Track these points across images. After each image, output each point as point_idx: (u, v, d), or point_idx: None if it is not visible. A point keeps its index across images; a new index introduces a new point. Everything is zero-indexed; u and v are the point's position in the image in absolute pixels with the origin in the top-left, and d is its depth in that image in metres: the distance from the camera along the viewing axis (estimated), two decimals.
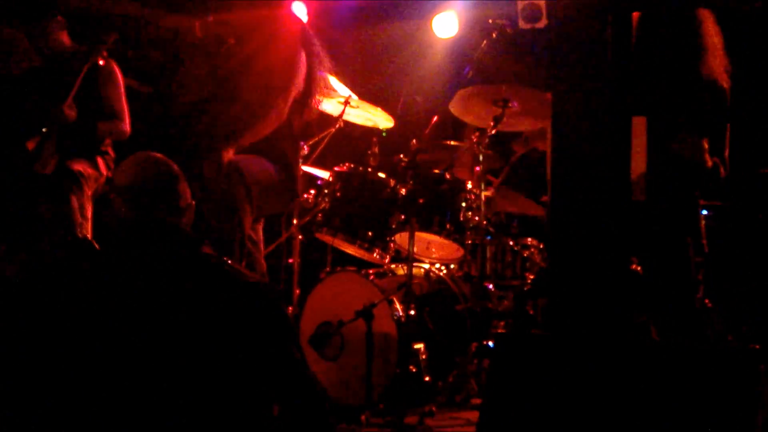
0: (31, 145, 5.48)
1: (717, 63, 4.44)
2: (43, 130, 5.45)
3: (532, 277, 5.73)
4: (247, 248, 5.10)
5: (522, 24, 4.09)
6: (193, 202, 3.13)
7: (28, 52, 5.81)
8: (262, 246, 5.41)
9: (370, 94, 6.30)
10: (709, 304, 5.14)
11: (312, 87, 5.34)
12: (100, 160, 5.72)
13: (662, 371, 3.20)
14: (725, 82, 4.44)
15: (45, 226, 5.41)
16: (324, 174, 5.78)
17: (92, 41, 5.58)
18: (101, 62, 5.56)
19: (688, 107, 4.35)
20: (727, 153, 4.55)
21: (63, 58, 5.71)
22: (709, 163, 4.38)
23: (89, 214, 5.55)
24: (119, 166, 3.19)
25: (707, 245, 4.59)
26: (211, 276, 2.84)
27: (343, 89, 5.98)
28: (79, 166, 5.55)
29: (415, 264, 5.48)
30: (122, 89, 5.80)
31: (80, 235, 5.40)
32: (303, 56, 5.30)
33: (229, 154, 5.11)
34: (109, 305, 2.75)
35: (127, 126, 5.80)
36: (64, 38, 5.76)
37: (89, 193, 5.55)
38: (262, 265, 5.31)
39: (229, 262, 2.94)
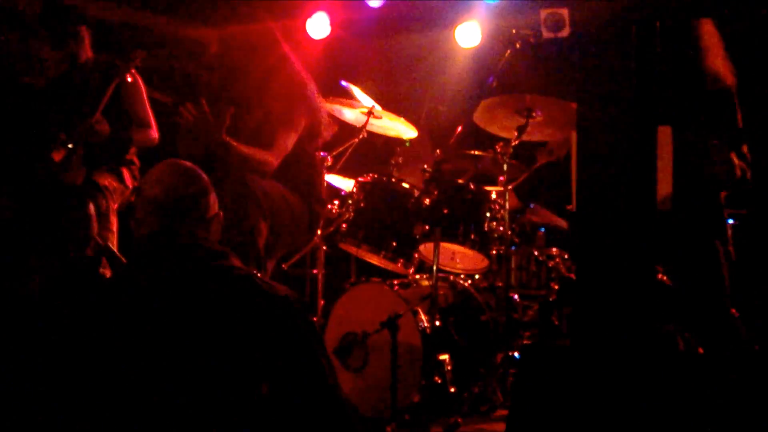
0: (57, 157, 5.50)
1: (719, 62, 4.41)
2: (69, 145, 5.46)
3: (557, 287, 5.71)
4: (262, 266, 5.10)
5: (545, 33, 4.07)
6: (221, 213, 3.09)
7: (53, 64, 5.85)
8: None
9: (393, 105, 6.30)
10: (737, 314, 5.10)
11: (319, 116, 5.40)
12: (125, 172, 5.74)
13: (688, 382, 3.18)
14: (730, 80, 4.40)
15: (68, 237, 5.42)
16: (348, 183, 5.79)
17: (121, 58, 5.61)
18: (129, 79, 5.59)
19: (704, 117, 4.34)
20: (745, 148, 4.52)
21: (87, 69, 5.74)
22: (739, 174, 4.37)
23: (115, 227, 5.57)
24: (146, 175, 3.12)
25: (734, 253, 4.56)
26: (238, 288, 2.79)
27: (366, 99, 5.98)
28: (105, 181, 5.57)
29: (439, 274, 5.47)
30: (146, 97, 5.84)
31: (101, 243, 5.41)
32: (309, 91, 5.36)
33: (254, 178, 5.10)
34: (135, 319, 2.72)
35: (155, 132, 5.85)
36: (88, 50, 5.79)
37: (114, 206, 5.57)
38: None
39: (258, 274, 2.91)
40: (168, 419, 2.63)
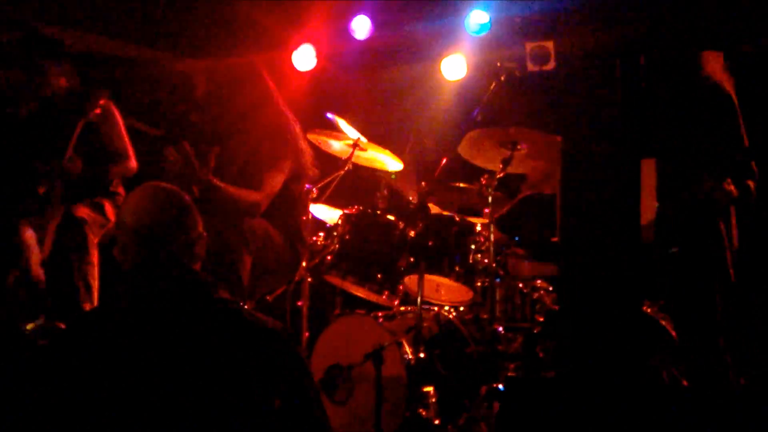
0: (41, 190, 5.49)
1: (718, 67, 4.41)
2: (40, 188, 5.45)
3: (541, 319, 5.70)
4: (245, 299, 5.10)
5: (530, 66, 4.10)
6: (205, 233, 3.03)
7: (30, 95, 5.82)
8: None
9: (378, 137, 6.31)
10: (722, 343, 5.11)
11: (303, 160, 5.45)
12: (107, 205, 5.71)
13: (673, 416, 3.18)
14: (728, 84, 4.41)
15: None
16: (334, 213, 5.79)
17: (87, 97, 5.58)
18: (94, 119, 5.57)
19: (700, 147, 4.34)
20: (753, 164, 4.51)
21: (61, 102, 5.71)
22: (735, 193, 4.34)
23: (95, 260, 5.54)
24: (123, 202, 3.07)
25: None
26: (228, 322, 2.75)
27: (352, 131, 5.99)
28: (83, 213, 5.54)
29: (424, 306, 5.45)
30: (122, 127, 5.82)
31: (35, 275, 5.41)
32: (293, 132, 5.41)
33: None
34: (124, 357, 2.66)
35: (133, 162, 5.82)
36: (62, 82, 5.77)
37: (95, 239, 5.55)
38: None
39: (245, 306, 2.87)
40: None
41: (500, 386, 5.36)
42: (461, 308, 5.93)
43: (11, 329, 5.12)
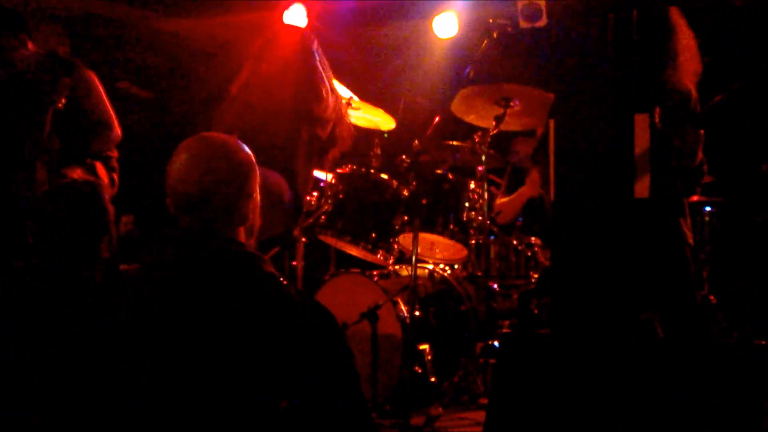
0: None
1: (685, 68, 4.40)
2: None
3: (536, 276, 5.73)
4: None
5: (522, 23, 4.09)
6: (255, 196, 2.76)
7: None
8: None
9: (371, 96, 6.30)
10: (714, 301, 5.13)
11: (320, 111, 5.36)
12: (99, 165, 5.68)
13: (667, 369, 3.20)
14: (692, 85, 4.40)
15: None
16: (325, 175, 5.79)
17: (56, 76, 5.50)
18: (60, 106, 5.50)
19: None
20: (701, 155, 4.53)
21: (29, 73, 5.65)
22: (700, 157, 4.36)
23: None
24: (173, 156, 2.71)
25: (710, 242, 4.57)
26: (278, 300, 2.57)
27: (344, 91, 5.98)
28: (74, 173, 5.52)
29: (419, 265, 5.47)
30: (103, 95, 5.75)
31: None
32: (318, 73, 5.30)
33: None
34: (148, 320, 2.53)
35: (117, 130, 5.76)
36: (27, 51, 5.70)
37: None
38: None
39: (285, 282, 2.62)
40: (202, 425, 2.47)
41: (495, 343, 5.40)
42: (456, 266, 5.96)
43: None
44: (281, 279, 2.62)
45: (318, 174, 6.00)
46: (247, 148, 2.76)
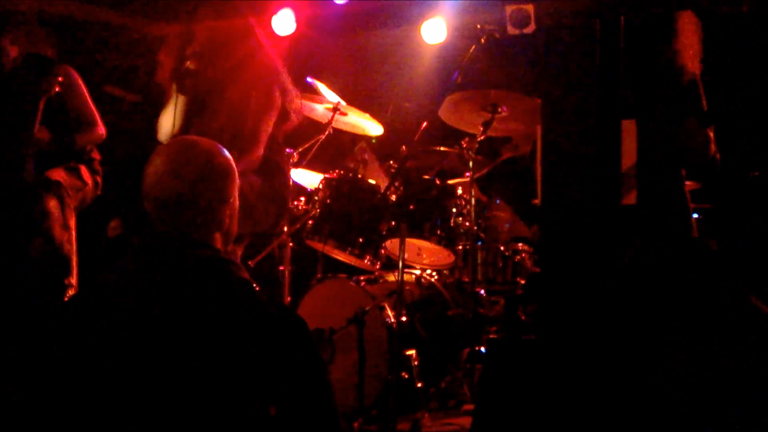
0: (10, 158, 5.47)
1: (688, 54, 4.39)
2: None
3: (523, 282, 5.72)
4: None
5: (510, 29, 4.08)
6: (233, 201, 2.76)
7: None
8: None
9: (359, 101, 6.30)
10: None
11: (290, 98, 5.28)
12: (83, 168, 5.68)
13: (655, 374, 3.20)
14: (696, 68, 4.39)
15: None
16: (315, 178, 5.77)
17: (44, 73, 5.51)
18: (54, 97, 5.51)
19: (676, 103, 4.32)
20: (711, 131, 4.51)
21: (17, 74, 5.67)
22: (713, 151, 4.33)
23: (72, 223, 5.53)
24: (149, 159, 2.69)
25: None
26: (250, 307, 2.54)
27: (332, 96, 5.98)
28: (58, 176, 5.51)
29: (406, 270, 5.47)
30: (87, 94, 5.76)
31: (62, 248, 5.39)
32: (282, 74, 5.26)
33: None
34: (122, 333, 2.49)
35: (101, 128, 5.77)
36: (13, 52, 5.73)
37: (72, 203, 5.52)
38: None
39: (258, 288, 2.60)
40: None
41: (482, 349, 5.39)
42: (443, 272, 5.95)
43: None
44: (254, 285, 2.60)
45: (306, 177, 5.99)
46: (226, 153, 2.76)
